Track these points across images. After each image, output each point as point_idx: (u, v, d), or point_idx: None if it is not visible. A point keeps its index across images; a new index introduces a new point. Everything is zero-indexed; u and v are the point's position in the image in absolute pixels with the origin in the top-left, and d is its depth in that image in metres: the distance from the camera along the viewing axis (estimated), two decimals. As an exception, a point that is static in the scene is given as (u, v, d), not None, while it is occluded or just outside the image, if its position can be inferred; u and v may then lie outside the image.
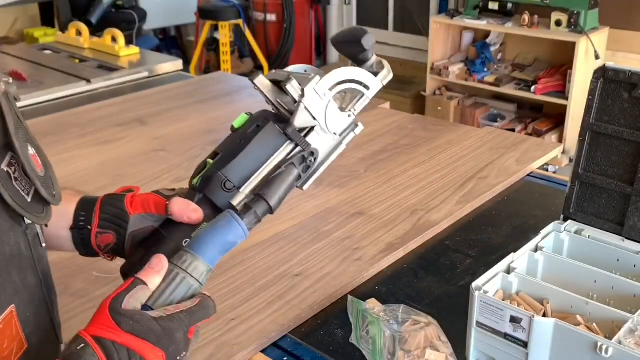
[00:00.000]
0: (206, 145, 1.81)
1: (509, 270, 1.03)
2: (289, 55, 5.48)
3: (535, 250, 1.09)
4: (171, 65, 2.74)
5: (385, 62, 0.81)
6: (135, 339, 0.59)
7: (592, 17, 3.96)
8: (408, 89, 4.96)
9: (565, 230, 1.13)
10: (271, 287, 1.21)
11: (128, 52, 2.81)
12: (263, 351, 1.08)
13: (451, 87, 4.68)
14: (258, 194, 0.73)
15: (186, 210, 0.75)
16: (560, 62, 4.22)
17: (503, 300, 0.98)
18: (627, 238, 1.09)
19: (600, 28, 4.01)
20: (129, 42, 3.01)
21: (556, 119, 4.24)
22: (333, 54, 5.75)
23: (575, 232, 1.13)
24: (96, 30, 3.95)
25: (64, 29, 3.68)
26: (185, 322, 0.62)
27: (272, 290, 1.20)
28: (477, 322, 0.97)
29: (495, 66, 4.51)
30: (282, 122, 0.76)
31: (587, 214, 1.15)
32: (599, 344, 0.86)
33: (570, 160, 3.79)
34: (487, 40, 4.51)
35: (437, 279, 1.26)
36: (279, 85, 0.79)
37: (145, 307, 0.63)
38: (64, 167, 1.69)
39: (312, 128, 0.77)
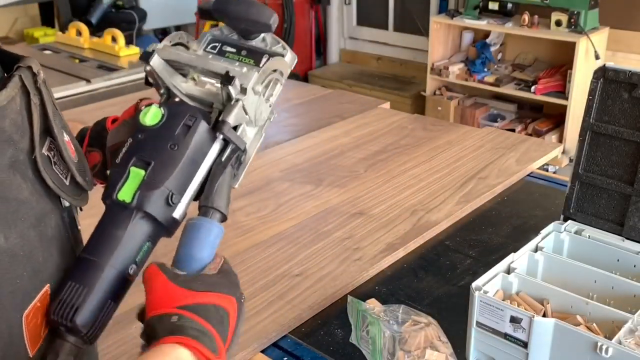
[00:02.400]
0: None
1: (509, 270, 1.03)
2: (288, 55, 5.48)
3: (535, 250, 1.09)
4: (171, 65, 2.74)
5: (282, 43, 0.76)
6: (213, 294, 0.62)
7: (592, 17, 3.96)
8: (408, 89, 4.96)
9: (565, 230, 1.13)
10: (271, 287, 1.21)
11: (128, 52, 2.81)
12: (263, 351, 1.08)
13: (451, 87, 4.68)
14: (211, 207, 0.67)
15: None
16: (560, 62, 4.22)
17: (503, 300, 0.98)
18: (627, 238, 1.09)
19: (600, 28, 4.01)
20: (129, 42, 3.02)
21: (556, 119, 4.24)
22: (333, 54, 5.75)
23: (575, 232, 1.13)
24: (96, 30, 3.95)
25: (64, 29, 3.68)
26: (231, 271, 0.66)
27: (272, 290, 1.20)
28: (477, 322, 0.97)
29: (495, 66, 4.51)
30: (206, 118, 0.69)
31: (587, 214, 1.15)
32: (599, 344, 0.86)
33: (570, 160, 3.79)
34: (487, 40, 4.51)
35: (437, 279, 1.26)
36: (173, 66, 0.73)
37: None
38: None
39: (238, 125, 0.71)
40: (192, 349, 0.57)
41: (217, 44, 0.75)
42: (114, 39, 2.85)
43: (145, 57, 0.71)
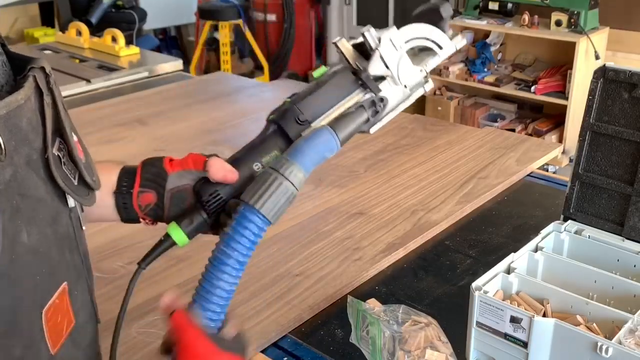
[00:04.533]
0: (206, 145, 1.81)
1: (509, 270, 1.03)
2: (289, 55, 5.48)
3: (535, 250, 1.09)
4: (171, 65, 2.74)
5: (460, 35, 0.86)
6: (235, 357, 0.70)
7: (592, 17, 3.96)
8: (408, 89, 4.96)
9: (565, 230, 1.13)
10: (271, 287, 1.21)
11: (128, 52, 2.81)
12: (263, 351, 1.08)
13: (451, 87, 4.68)
14: (332, 127, 0.76)
15: (222, 169, 0.77)
16: (560, 62, 4.22)
17: (503, 300, 0.98)
18: (627, 238, 1.09)
19: (600, 28, 4.01)
20: (129, 42, 3.02)
21: (556, 119, 4.24)
22: (333, 54, 5.75)
23: (575, 232, 1.13)
24: (96, 30, 3.95)
25: (64, 29, 3.68)
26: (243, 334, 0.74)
27: (272, 290, 1.20)
28: (477, 322, 0.97)
29: (495, 66, 4.51)
30: (352, 70, 0.80)
31: (587, 214, 1.15)
32: (599, 344, 0.86)
33: (570, 160, 3.79)
34: (487, 40, 4.51)
35: (437, 279, 1.26)
36: (359, 50, 0.82)
37: (247, 205, 0.69)
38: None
39: (384, 77, 0.81)
40: None
41: None
42: (114, 39, 2.85)
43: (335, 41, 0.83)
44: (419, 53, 0.85)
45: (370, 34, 0.79)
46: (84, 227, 0.69)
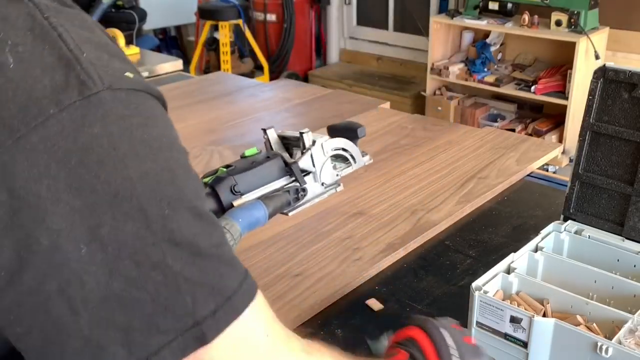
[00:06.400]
0: (206, 145, 1.81)
1: (509, 270, 1.03)
2: (289, 55, 5.48)
3: (535, 250, 1.09)
4: (171, 65, 2.74)
5: (368, 155, 1.06)
6: None
7: (592, 17, 3.96)
8: (408, 89, 4.97)
9: (565, 230, 1.13)
10: (271, 287, 1.20)
11: (128, 52, 2.81)
12: (263, 351, 1.08)
13: (451, 87, 4.68)
14: (262, 200, 0.87)
15: None
16: (560, 62, 4.22)
17: (503, 300, 0.98)
18: (627, 238, 1.09)
19: (600, 28, 4.01)
20: (129, 42, 3.02)
21: (556, 119, 4.24)
22: (333, 54, 5.75)
23: (575, 232, 1.13)
24: (96, 30, 3.94)
25: (64, 29, 3.67)
26: None
27: (272, 290, 1.20)
28: (477, 322, 0.97)
29: (495, 66, 4.51)
30: (284, 159, 0.94)
31: (587, 214, 1.15)
32: (599, 344, 0.86)
33: (570, 160, 3.79)
34: (487, 40, 4.51)
35: (437, 279, 1.26)
36: (283, 142, 0.99)
37: None
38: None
39: (308, 172, 0.96)
40: None
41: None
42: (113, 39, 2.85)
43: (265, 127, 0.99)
44: (336, 160, 1.02)
45: (308, 136, 0.95)
46: None
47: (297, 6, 5.43)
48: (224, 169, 0.88)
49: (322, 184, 0.97)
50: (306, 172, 0.95)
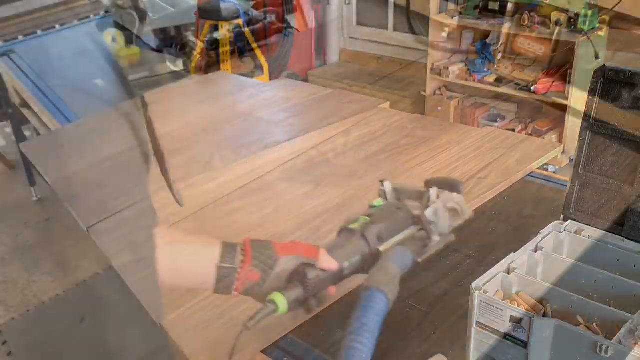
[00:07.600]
0: (206, 145, 1.81)
1: (509, 270, 1.03)
2: (289, 55, 5.48)
3: (535, 250, 1.08)
4: (171, 65, 2.74)
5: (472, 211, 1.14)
6: None
7: (592, 17, 3.96)
8: (408, 89, 4.96)
9: (565, 230, 1.13)
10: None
11: (128, 52, 2.81)
12: (263, 351, 1.08)
13: (451, 87, 4.68)
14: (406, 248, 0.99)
15: (329, 260, 0.96)
16: (560, 62, 4.22)
17: (503, 300, 0.98)
18: (627, 238, 1.09)
19: (600, 28, 4.01)
20: (129, 42, 3.01)
21: (556, 119, 4.24)
22: (333, 54, 5.75)
23: (575, 232, 1.13)
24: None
25: (64, 29, 3.67)
26: None
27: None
28: (477, 322, 0.97)
29: (495, 66, 4.51)
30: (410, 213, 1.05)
31: (587, 214, 1.15)
32: (599, 344, 0.86)
33: (570, 160, 3.79)
34: (487, 40, 4.51)
35: (437, 279, 1.26)
36: (397, 192, 1.10)
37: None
38: (64, 167, 1.69)
39: (431, 223, 1.05)
40: None
41: None
42: (113, 39, 2.85)
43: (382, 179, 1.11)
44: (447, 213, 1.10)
45: (434, 191, 1.05)
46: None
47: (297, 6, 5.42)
48: (367, 217, 1.02)
49: (439, 234, 1.05)
50: (431, 223, 1.06)
